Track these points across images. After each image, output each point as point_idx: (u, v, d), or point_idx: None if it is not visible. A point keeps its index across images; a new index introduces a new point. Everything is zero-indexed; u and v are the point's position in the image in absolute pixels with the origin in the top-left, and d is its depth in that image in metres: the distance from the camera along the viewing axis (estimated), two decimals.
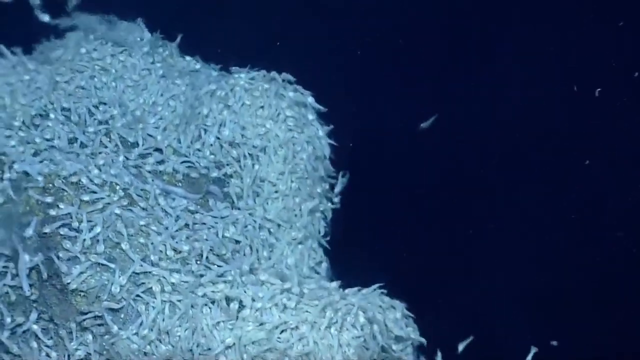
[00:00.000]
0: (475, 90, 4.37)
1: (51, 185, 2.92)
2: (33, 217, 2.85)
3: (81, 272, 2.79)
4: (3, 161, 2.95)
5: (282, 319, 2.81)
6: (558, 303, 4.31)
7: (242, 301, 2.84)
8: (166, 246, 2.91)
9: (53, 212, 2.86)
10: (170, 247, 2.91)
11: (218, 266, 2.95)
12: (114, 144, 3.22)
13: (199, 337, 2.79)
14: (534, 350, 3.27)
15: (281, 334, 2.80)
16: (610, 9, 4.24)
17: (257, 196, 3.33)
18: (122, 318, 2.82)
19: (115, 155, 3.17)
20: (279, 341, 2.78)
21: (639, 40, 4.24)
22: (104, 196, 2.94)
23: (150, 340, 2.78)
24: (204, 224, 3.06)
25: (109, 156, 3.13)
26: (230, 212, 3.19)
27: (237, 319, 2.82)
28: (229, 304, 2.84)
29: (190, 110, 3.39)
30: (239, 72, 3.55)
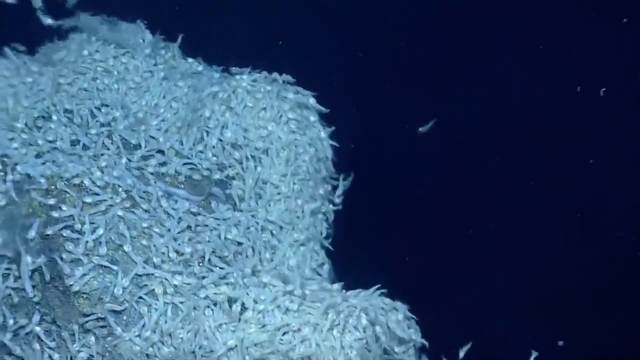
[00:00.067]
0: (475, 90, 4.36)
1: (54, 187, 2.92)
2: (35, 219, 2.85)
3: (84, 274, 2.80)
4: (6, 163, 2.95)
5: (285, 321, 2.82)
6: (558, 303, 4.31)
7: (245, 303, 2.85)
8: (168, 248, 2.92)
9: (55, 214, 2.86)
10: (172, 249, 2.92)
11: (220, 268, 2.95)
12: (116, 146, 3.22)
13: (201, 339, 2.79)
14: (534, 354, 3.27)
15: (283, 336, 2.81)
16: (610, 9, 4.23)
17: (260, 198, 3.33)
18: (125, 320, 2.82)
19: (118, 157, 3.17)
20: (281, 343, 2.79)
21: (638, 40, 4.23)
22: (106, 198, 2.94)
23: (153, 342, 2.78)
24: (206, 225, 3.06)
25: (111, 158, 3.13)
26: (233, 214, 3.19)
27: (239, 321, 2.82)
28: (231, 306, 2.84)
29: (192, 112, 3.39)
30: (240, 74, 3.56)
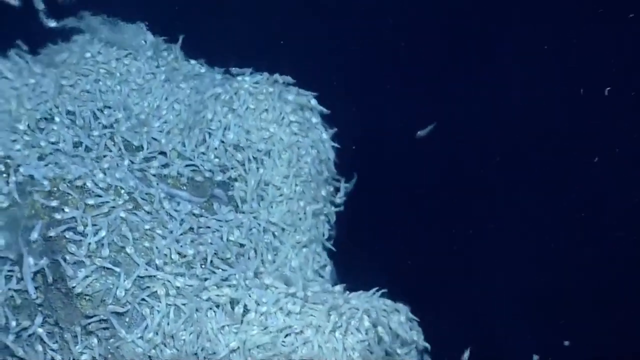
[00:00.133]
0: (475, 90, 4.36)
1: (56, 189, 2.92)
2: (38, 221, 2.85)
3: (86, 275, 2.80)
4: (8, 165, 2.95)
5: (287, 323, 2.82)
6: (558, 303, 4.31)
7: (247, 305, 2.85)
8: (171, 250, 2.92)
9: (58, 215, 2.86)
10: (175, 250, 2.92)
11: (222, 270, 2.95)
12: (118, 148, 3.22)
13: (203, 341, 2.79)
14: (535, 358, 3.27)
15: (286, 337, 2.81)
16: (610, 9, 4.23)
17: (262, 200, 3.33)
18: (127, 322, 2.82)
19: (120, 159, 3.17)
20: (283, 345, 2.79)
21: (638, 40, 4.23)
22: (109, 200, 2.95)
23: (155, 344, 2.78)
24: (208, 227, 3.06)
25: (113, 160, 3.13)
26: (235, 215, 3.19)
27: (241, 323, 2.82)
28: (233, 307, 2.85)
29: (194, 114, 3.39)
30: (242, 75, 3.56)
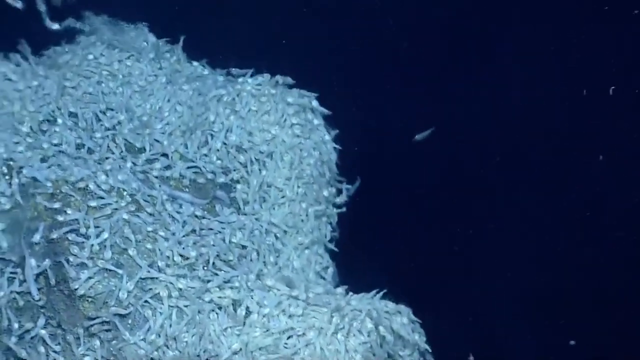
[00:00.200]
0: (475, 90, 4.36)
1: (59, 191, 2.92)
2: (41, 223, 2.85)
3: (89, 277, 2.80)
4: (11, 167, 2.95)
5: (289, 325, 2.82)
6: (558, 303, 4.32)
7: (249, 307, 2.85)
8: (173, 252, 2.91)
9: (60, 217, 2.86)
10: (177, 252, 2.91)
11: (225, 272, 2.95)
12: (120, 150, 3.22)
13: (206, 342, 2.79)
14: None
15: (288, 340, 2.81)
16: (610, 9, 4.23)
17: (264, 201, 3.32)
18: (130, 324, 2.82)
19: (123, 160, 3.16)
20: (285, 347, 2.79)
21: (639, 40, 4.23)
22: (111, 202, 2.94)
23: (158, 346, 2.78)
24: (210, 229, 3.06)
25: (116, 162, 3.13)
26: (237, 217, 3.19)
27: (244, 324, 2.82)
28: (236, 309, 2.84)
29: (197, 116, 3.38)
30: (242, 75, 3.56)
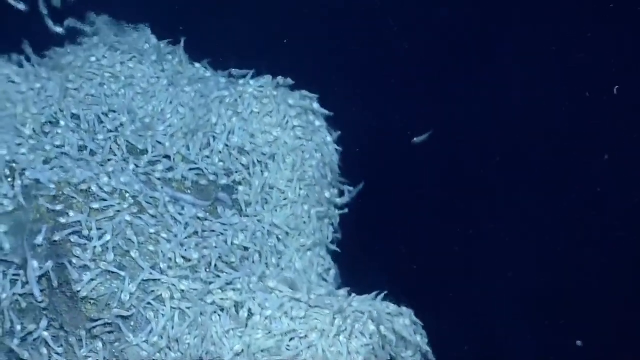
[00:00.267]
0: (475, 90, 4.37)
1: (61, 193, 2.91)
2: (43, 225, 2.85)
3: (91, 279, 2.79)
4: (14, 169, 2.94)
5: (292, 326, 2.82)
6: (558, 303, 4.33)
7: (251, 309, 2.85)
8: (175, 254, 2.91)
9: (63, 220, 2.85)
10: (179, 254, 2.91)
11: (227, 274, 2.95)
12: (123, 152, 3.21)
13: (208, 344, 2.79)
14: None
15: (290, 341, 2.80)
16: (610, 9, 4.23)
17: (266, 203, 3.32)
18: (132, 326, 2.81)
19: (125, 162, 3.16)
20: (288, 349, 2.79)
21: (639, 40, 4.24)
22: (113, 204, 2.94)
23: (160, 347, 2.78)
24: (213, 231, 3.06)
25: (118, 164, 3.13)
26: (239, 219, 3.19)
27: (246, 326, 2.82)
28: (238, 311, 2.84)
29: (199, 118, 3.38)
30: (243, 77, 3.56)
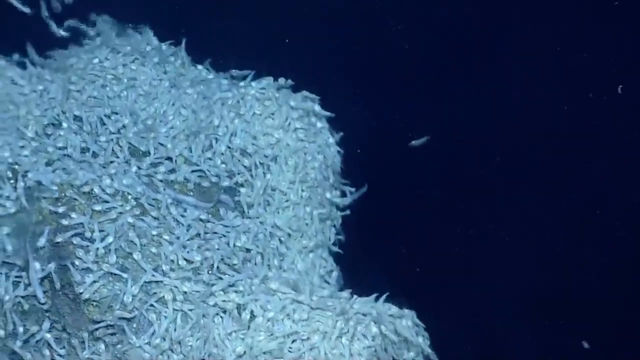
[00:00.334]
0: (475, 90, 4.37)
1: (63, 195, 2.91)
2: (46, 227, 2.85)
3: (94, 281, 2.80)
4: (16, 171, 2.94)
5: (294, 328, 2.82)
6: (558, 303, 4.32)
7: (253, 311, 2.85)
8: (178, 256, 2.91)
9: (65, 221, 2.86)
10: (181, 256, 2.91)
11: (229, 275, 2.95)
12: (125, 154, 3.21)
13: (210, 346, 2.79)
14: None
15: (292, 343, 2.81)
16: (610, 9, 4.23)
17: (268, 205, 3.32)
18: (135, 328, 2.82)
19: (127, 164, 3.16)
20: (290, 351, 2.79)
21: (639, 40, 4.24)
22: (116, 206, 2.94)
23: (163, 349, 2.78)
24: (215, 233, 3.06)
25: (120, 166, 3.13)
26: (242, 221, 3.19)
27: (248, 328, 2.82)
28: (240, 313, 2.85)
29: (201, 120, 3.38)
30: (244, 77, 3.56)
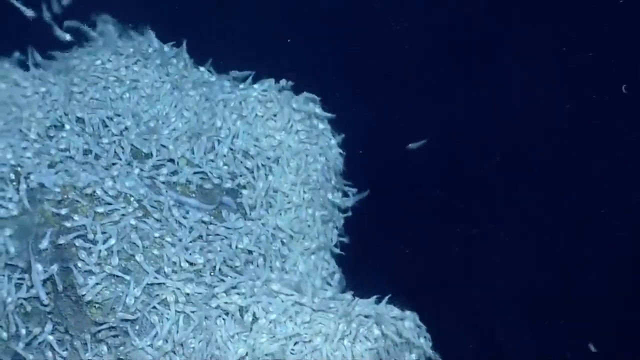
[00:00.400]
0: (475, 90, 4.37)
1: (66, 197, 2.91)
2: (48, 229, 2.85)
3: (96, 283, 2.79)
4: (19, 173, 2.95)
5: (296, 330, 2.81)
6: (558, 303, 4.32)
7: (256, 313, 2.85)
8: (180, 258, 2.91)
9: (68, 223, 2.86)
10: (184, 258, 2.91)
11: (231, 277, 2.95)
12: (127, 156, 3.21)
13: (213, 348, 2.79)
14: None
15: (295, 346, 2.80)
16: (610, 9, 4.24)
17: (270, 207, 3.32)
18: (137, 329, 2.82)
19: (130, 166, 3.16)
20: (292, 353, 2.78)
21: (639, 40, 4.24)
22: (118, 208, 2.94)
23: (165, 351, 2.78)
24: (217, 235, 3.06)
25: (123, 167, 3.13)
26: (244, 223, 3.19)
27: (251, 330, 2.82)
28: (242, 315, 2.84)
29: (203, 122, 3.38)
30: (245, 79, 3.57)
